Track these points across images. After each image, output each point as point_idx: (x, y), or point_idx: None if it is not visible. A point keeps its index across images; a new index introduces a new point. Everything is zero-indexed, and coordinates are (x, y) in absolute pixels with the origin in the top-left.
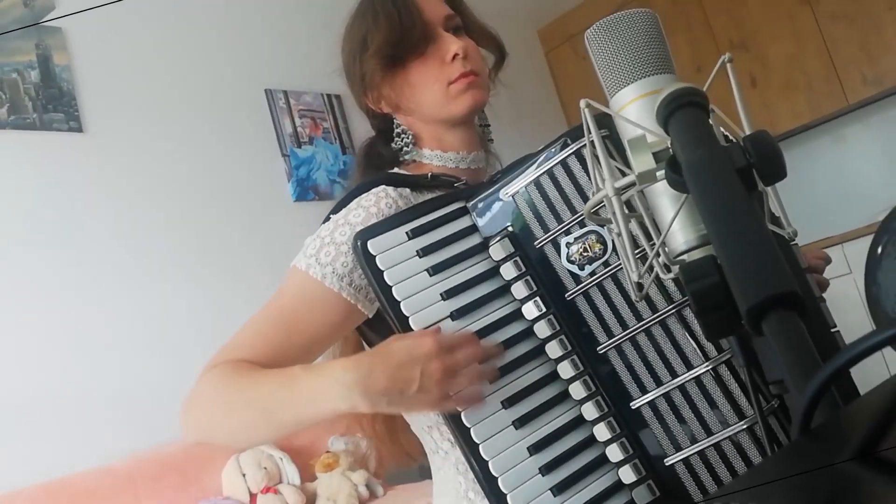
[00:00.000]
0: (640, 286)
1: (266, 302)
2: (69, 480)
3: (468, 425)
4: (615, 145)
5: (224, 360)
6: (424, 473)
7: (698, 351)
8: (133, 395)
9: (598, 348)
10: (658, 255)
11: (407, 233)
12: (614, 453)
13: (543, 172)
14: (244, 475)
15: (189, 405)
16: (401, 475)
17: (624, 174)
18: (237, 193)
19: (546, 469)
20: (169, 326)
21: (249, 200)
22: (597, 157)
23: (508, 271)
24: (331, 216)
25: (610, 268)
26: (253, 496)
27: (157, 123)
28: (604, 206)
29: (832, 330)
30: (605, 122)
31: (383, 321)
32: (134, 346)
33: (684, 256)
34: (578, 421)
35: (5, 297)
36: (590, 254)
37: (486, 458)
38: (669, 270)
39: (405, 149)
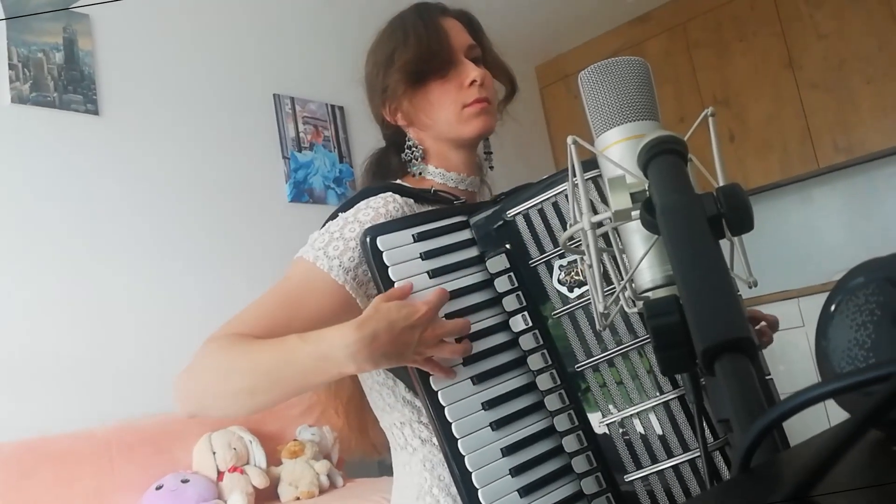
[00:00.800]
0: (604, 317)
1: (271, 287)
2: (50, 440)
3: (450, 420)
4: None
5: (224, 333)
6: (383, 470)
7: (669, 378)
8: (120, 366)
9: (575, 366)
10: (625, 289)
11: (413, 235)
12: (579, 464)
13: (547, 199)
14: (214, 453)
15: (187, 373)
16: (360, 469)
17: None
18: (238, 187)
19: (516, 471)
20: (163, 305)
21: (248, 195)
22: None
23: (502, 284)
24: (339, 213)
25: None
26: (220, 473)
27: (169, 114)
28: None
29: (766, 377)
30: (597, 162)
31: None
32: (127, 320)
33: (649, 293)
34: (550, 430)
35: (11, 259)
36: (580, 278)
37: (464, 454)
38: (634, 305)
39: (413, 161)
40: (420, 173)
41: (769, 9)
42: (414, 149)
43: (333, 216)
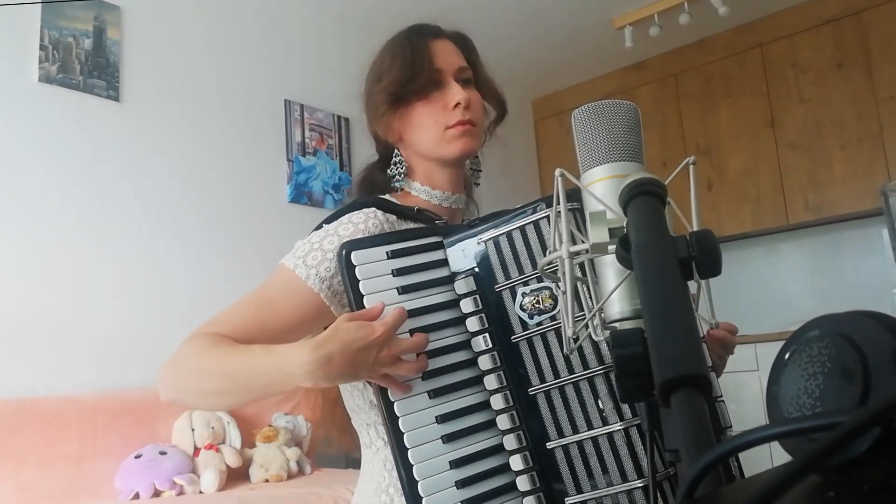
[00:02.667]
0: (572, 341)
1: (253, 290)
2: (40, 401)
3: (403, 431)
4: (582, 216)
5: (205, 332)
6: (350, 463)
7: (616, 411)
8: (112, 340)
9: (529, 389)
10: (594, 317)
11: (387, 252)
12: (523, 483)
13: (516, 228)
14: (193, 430)
15: (169, 367)
16: (328, 460)
17: (580, 241)
18: (242, 183)
19: (461, 484)
20: (160, 286)
21: (250, 191)
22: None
23: (467, 306)
24: (323, 225)
25: (555, 322)
26: (197, 450)
27: (185, 108)
28: (556, 265)
29: (718, 398)
30: (578, 195)
31: None
32: (126, 297)
33: (617, 324)
34: (498, 448)
35: (19, 227)
36: (540, 306)
37: (413, 463)
38: (600, 334)
39: (397, 177)
40: (402, 188)
41: (757, 69)
42: (399, 165)
43: (318, 227)
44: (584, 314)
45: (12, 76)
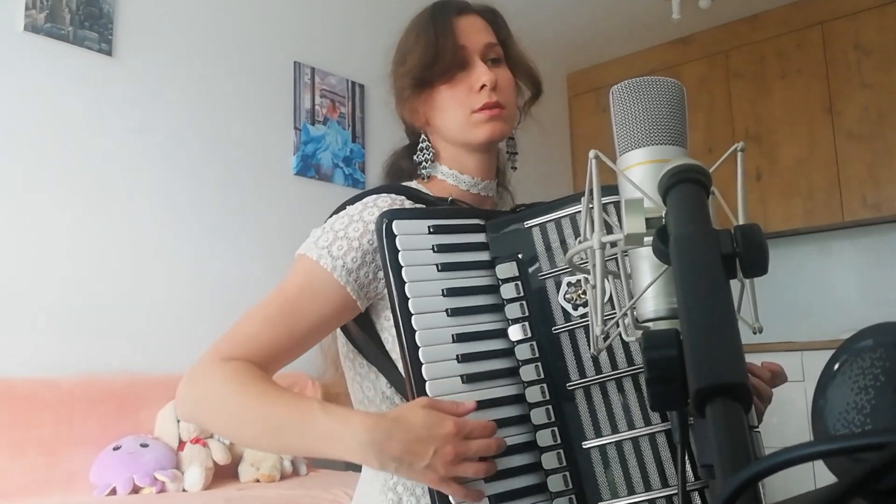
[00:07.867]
0: (601, 340)
1: (273, 291)
2: (11, 382)
3: None
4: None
5: (233, 352)
6: (348, 465)
7: (659, 412)
8: (94, 317)
9: (567, 384)
10: (626, 315)
11: (429, 227)
12: (554, 483)
13: (567, 215)
14: (179, 421)
15: (193, 388)
16: (326, 461)
17: (614, 231)
18: (244, 152)
19: (489, 478)
20: (148, 257)
21: (253, 161)
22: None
23: (507, 291)
24: (346, 206)
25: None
26: (182, 443)
27: (185, 66)
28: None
29: (754, 429)
30: (617, 191)
31: (368, 317)
32: (110, 268)
33: (650, 324)
34: (531, 444)
35: (5, 187)
36: (587, 298)
37: None
38: (631, 334)
39: (424, 164)
40: (429, 176)
41: (816, 49)
42: (425, 151)
43: (339, 209)
44: (614, 312)
45: None
